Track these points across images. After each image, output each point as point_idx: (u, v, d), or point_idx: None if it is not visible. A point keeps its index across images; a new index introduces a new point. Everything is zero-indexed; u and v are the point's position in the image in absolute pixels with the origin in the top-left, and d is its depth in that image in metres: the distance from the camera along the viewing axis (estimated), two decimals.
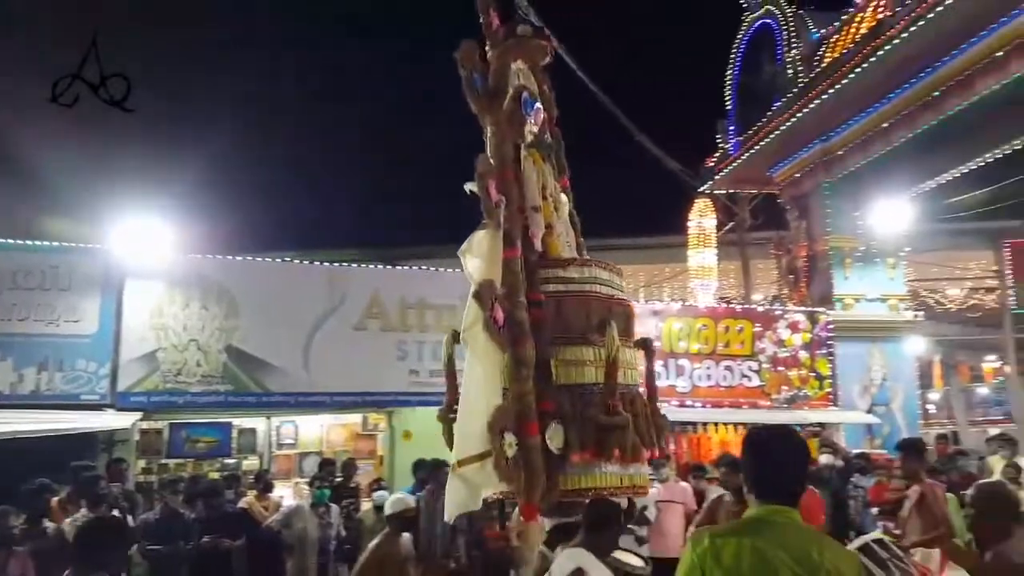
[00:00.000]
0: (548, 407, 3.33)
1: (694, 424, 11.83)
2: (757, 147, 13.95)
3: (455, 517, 3.73)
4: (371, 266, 11.26)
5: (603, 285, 3.74)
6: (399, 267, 11.37)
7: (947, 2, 9.15)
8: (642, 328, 12.19)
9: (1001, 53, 9.34)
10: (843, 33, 12.27)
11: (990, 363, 22.20)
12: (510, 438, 3.23)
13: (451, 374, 3.96)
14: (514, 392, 3.29)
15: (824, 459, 9.74)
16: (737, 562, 2.14)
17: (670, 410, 11.99)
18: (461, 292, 12.91)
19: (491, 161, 3.68)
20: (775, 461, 2.36)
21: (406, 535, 5.53)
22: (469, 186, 3.70)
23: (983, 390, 25.37)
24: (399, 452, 10.81)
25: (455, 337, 3.82)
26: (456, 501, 3.52)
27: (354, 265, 11.03)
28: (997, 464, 8.81)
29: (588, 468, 3.37)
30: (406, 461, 9.28)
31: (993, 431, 13.57)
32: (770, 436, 2.44)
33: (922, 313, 14.77)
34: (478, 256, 3.50)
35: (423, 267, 11.52)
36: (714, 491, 7.14)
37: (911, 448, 6.34)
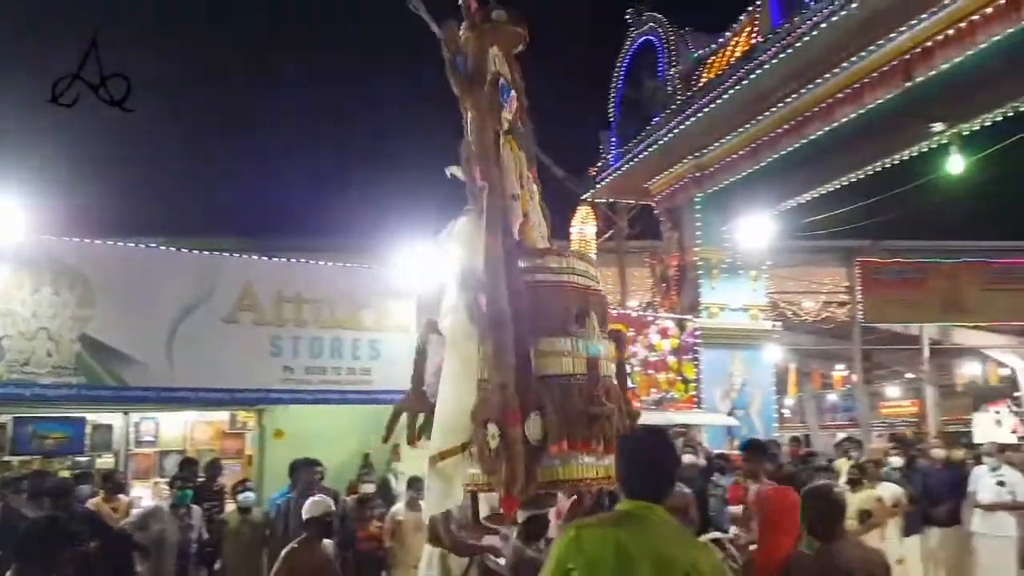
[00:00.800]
0: (529, 398, 3.26)
1: None
2: (636, 159, 14.47)
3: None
4: (245, 256, 10.76)
5: (580, 276, 3.68)
6: (276, 258, 10.96)
7: (812, 33, 9.84)
8: None
9: (857, 85, 10.13)
10: (719, 55, 12.94)
11: (839, 371, 23.99)
12: (493, 429, 3.16)
13: (421, 366, 3.82)
14: (496, 381, 3.20)
15: (688, 458, 10.22)
16: (599, 552, 2.25)
17: None
18: (344, 287, 12.68)
19: (473, 146, 3.60)
20: (642, 461, 2.50)
21: (327, 541, 5.17)
22: (452, 170, 3.62)
23: (832, 396, 27.41)
24: (270, 452, 10.43)
25: (433, 327, 3.71)
26: (437, 495, 3.46)
27: (226, 254, 10.50)
28: (844, 466, 9.54)
29: (566, 460, 3.31)
30: (277, 461, 8.97)
31: (841, 435, 14.72)
32: (638, 437, 2.64)
33: (780, 323, 15.75)
34: (461, 242, 3.44)
35: (303, 260, 11.20)
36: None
37: (754, 448, 6.59)
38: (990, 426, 19.67)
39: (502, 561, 3.70)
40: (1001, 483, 7.81)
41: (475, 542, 4.78)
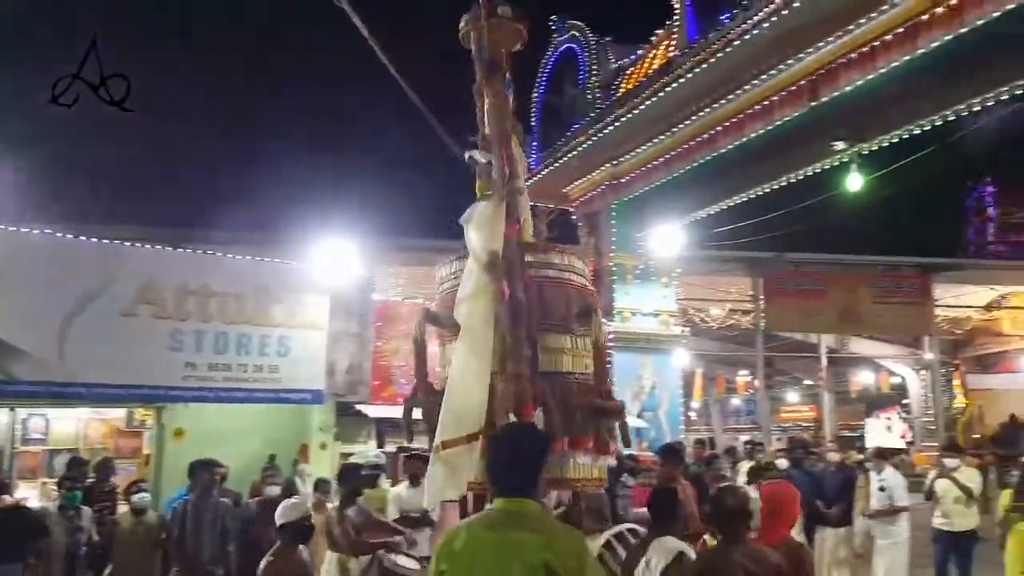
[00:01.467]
0: (537, 392, 3.18)
1: None
2: (555, 165, 14.63)
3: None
4: (147, 246, 10.27)
5: (578, 275, 3.65)
6: (181, 249, 10.53)
7: (726, 50, 10.17)
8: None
9: (767, 102, 10.54)
10: (638, 66, 13.22)
11: (743, 377, 24.94)
12: (506, 420, 3.06)
13: (422, 357, 3.64)
14: (513, 372, 3.10)
15: None
16: (462, 548, 2.37)
17: None
18: (254, 281, 12.29)
19: (494, 133, 3.55)
20: (503, 457, 2.52)
21: (302, 548, 4.78)
22: (474, 154, 3.54)
23: (736, 400, 28.49)
24: (169, 452, 10.05)
25: (429, 316, 3.59)
26: (438, 486, 3.24)
27: (128, 244, 10.02)
28: (745, 466, 9.93)
29: (563, 458, 3.27)
30: (176, 461, 8.64)
31: (743, 437, 15.31)
32: (501, 435, 2.64)
33: (688, 329, 16.22)
34: (479, 227, 3.31)
35: (211, 252, 10.81)
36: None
37: (670, 452, 7.01)
38: (881, 431, 20.86)
39: (400, 560, 3.67)
40: (882, 488, 8.22)
41: (374, 540, 4.72)
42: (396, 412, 12.49)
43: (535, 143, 15.80)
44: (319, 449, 11.57)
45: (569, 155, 14.14)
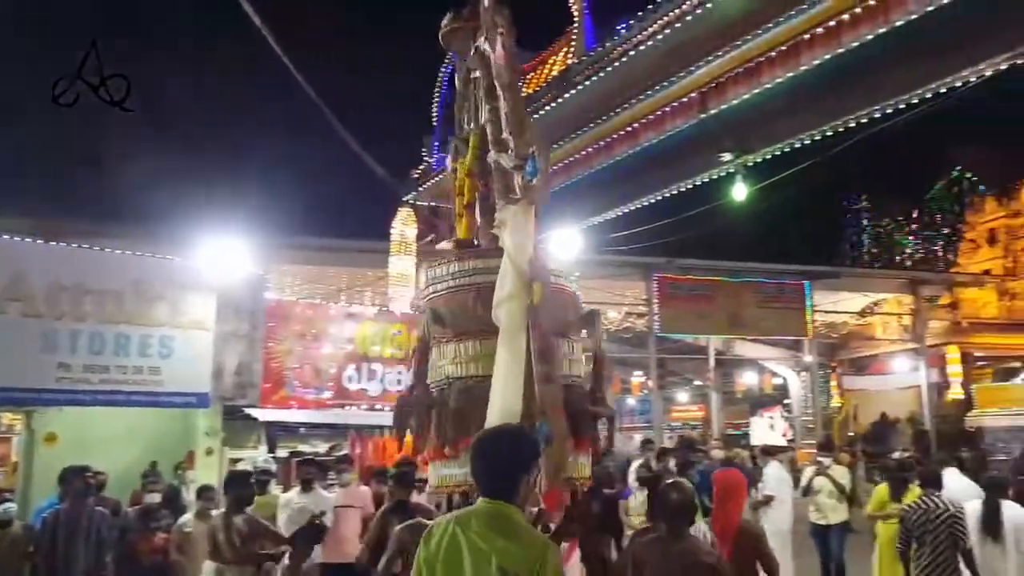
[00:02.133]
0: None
1: (382, 428, 11.96)
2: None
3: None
4: (15, 238, 9.53)
5: (572, 282, 3.79)
6: (56, 243, 9.84)
7: (622, 60, 10.48)
8: (337, 330, 12.19)
9: (660, 112, 10.92)
10: (538, 72, 13.42)
11: (637, 378, 25.63)
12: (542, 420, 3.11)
13: (424, 358, 3.58)
14: (542, 373, 3.14)
15: None
16: (437, 546, 2.45)
17: (360, 414, 12.07)
18: (135, 278, 11.64)
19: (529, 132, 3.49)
20: (485, 461, 2.57)
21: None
22: (502, 158, 3.47)
23: (631, 401, 29.25)
24: (39, 458, 9.40)
25: (436, 317, 3.52)
26: None
27: None
28: (636, 464, 10.20)
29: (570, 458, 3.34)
30: (48, 469, 8.06)
31: (638, 436, 15.76)
32: (483, 438, 2.66)
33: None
34: (516, 231, 3.29)
35: (88, 246, 10.16)
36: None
37: None
38: (765, 430, 21.93)
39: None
40: (762, 482, 8.66)
41: (259, 551, 4.59)
42: (288, 416, 12.21)
43: (436, 143, 15.77)
44: (205, 455, 11.09)
45: None
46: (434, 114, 16.05)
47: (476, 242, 3.95)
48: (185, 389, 10.42)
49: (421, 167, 16.27)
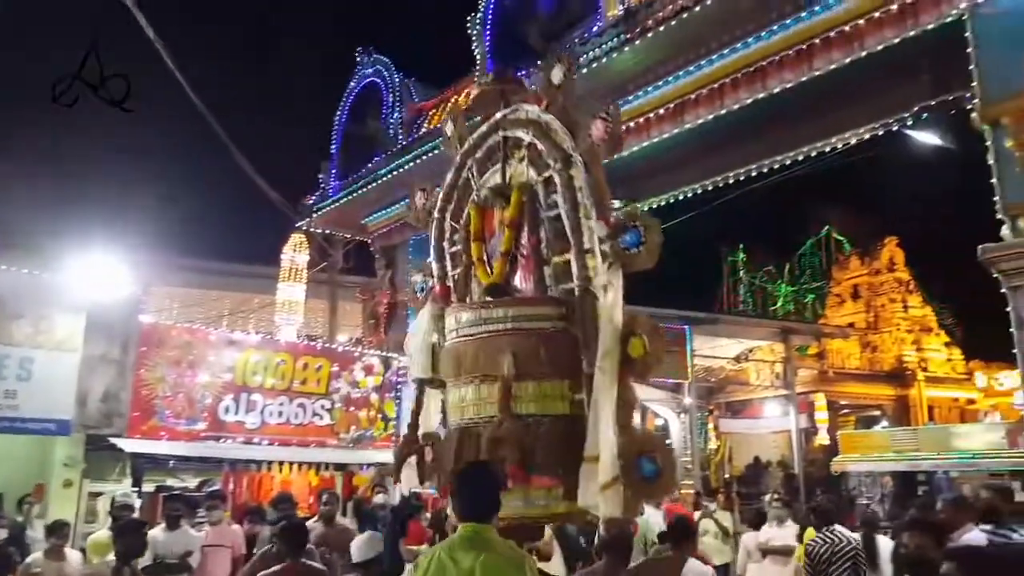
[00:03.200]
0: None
1: (258, 463, 11.48)
2: (354, 195, 14.52)
3: None
4: None
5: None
6: None
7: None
8: (216, 358, 11.65)
9: None
10: (440, 108, 13.59)
11: None
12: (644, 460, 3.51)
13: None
14: (623, 422, 3.49)
15: (378, 499, 10.31)
16: (426, 569, 2.86)
17: (236, 448, 11.52)
18: (52, 300, 10.70)
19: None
20: (469, 489, 3.09)
21: None
22: (594, 226, 3.77)
23: None
24: None
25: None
26: (614, 508, 3.59)
27: None
28: None
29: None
30: None
31: None
32: (465, 471, 3.25)
33: None
34: (615, 291, 3.68)
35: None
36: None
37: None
38: None
39: None
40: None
41: None
42: (157, 448, 11.61)
43: (333, 170, 15.60)
44: (63, 487, 10.28)
45: (369, 187, 14.11)
46: (333, 141, 15.88)
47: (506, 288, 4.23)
48: (44, 415, 9.70)
49: (317, 193, 16.01)
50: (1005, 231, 6.78)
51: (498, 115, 4.30)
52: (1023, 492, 11.47)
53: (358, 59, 15.30)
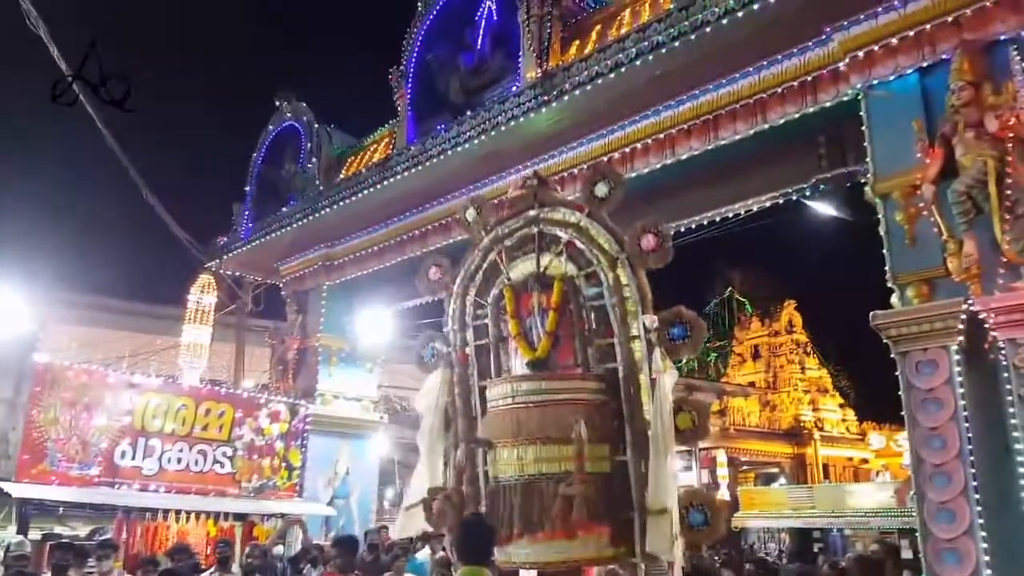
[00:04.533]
0: None
1: (154, 511, 10.99)
2: (267, 238, 14.38)
3: None
4: None
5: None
6: None
7: (439, 158, 11.04)
8: (114, 400, 11.14)
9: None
10: (358, 157, 13.74)
11: None
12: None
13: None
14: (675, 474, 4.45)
15: (277, 550, 10.05)
16: None
17: (132, 494, 10.95)
18: None
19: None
20: (472, 536, 3.81)
21: None
22: (646, 318, 4.67)
23: None
24: None
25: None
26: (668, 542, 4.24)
27: None
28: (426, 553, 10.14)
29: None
30: None
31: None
32: (469, 521, 4.01)
33: (386, 416, 16.46)
34: (669, 374, 4.52)
35: None
36: None
37: (345, 544, 7.59)
38: None
39: None
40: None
41: None
42: (46, 493, 11.11)
43: (246, 212, 15.42)
44: None
45: (282, 231, 14.02)
46: (247, 183, 15.72)
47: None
48: None
49: (228, 234, 15.77)
50: (894, 299, 7.09)
51: (531, 212, 5.07)
52: (909, 550, 11.85)
53: (277, 103, 15.32)
